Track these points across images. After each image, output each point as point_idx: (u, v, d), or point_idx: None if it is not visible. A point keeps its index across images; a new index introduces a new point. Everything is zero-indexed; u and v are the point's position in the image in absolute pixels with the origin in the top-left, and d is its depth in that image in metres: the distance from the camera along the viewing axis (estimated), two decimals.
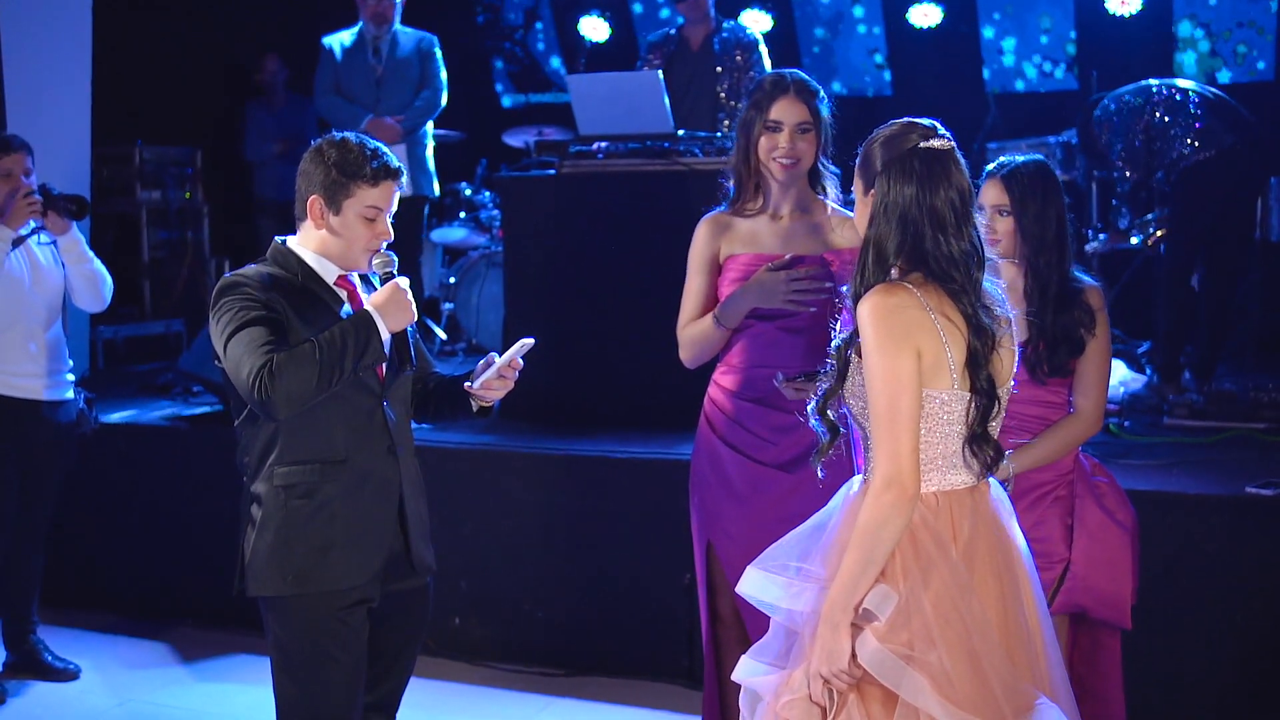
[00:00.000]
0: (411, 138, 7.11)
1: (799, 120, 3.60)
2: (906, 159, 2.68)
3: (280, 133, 8.98)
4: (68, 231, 4.98)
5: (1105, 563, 3.49)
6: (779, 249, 3.62)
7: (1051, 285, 3.49)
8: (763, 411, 3.64)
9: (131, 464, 6.06)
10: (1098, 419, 3.53)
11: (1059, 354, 3.48)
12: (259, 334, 3.13)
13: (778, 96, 3.61)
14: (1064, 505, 3.53)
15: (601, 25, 9.57)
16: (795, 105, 3.60)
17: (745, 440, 3.66)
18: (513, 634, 5.32)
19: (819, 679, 2.61)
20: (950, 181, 2.68)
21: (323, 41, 7.30)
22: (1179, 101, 6.13)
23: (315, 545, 3.25)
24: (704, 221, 3.75)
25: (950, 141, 2.73)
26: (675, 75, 6.54)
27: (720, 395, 3.73)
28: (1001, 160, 3.62)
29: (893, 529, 2.59)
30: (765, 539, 3.42)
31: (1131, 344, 7.09)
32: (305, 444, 3.25)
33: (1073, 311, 3.48)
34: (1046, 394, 3.50)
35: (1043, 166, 3.58)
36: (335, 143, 3.31)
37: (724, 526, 3.69)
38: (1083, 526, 3.50)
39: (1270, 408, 5.52)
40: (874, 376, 2.61)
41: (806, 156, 3.62)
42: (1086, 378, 3.51)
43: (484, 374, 3.37)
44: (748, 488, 3.64)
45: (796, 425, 3.57)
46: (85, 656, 5.38)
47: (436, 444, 5.29)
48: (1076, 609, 3.51)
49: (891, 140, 2.71)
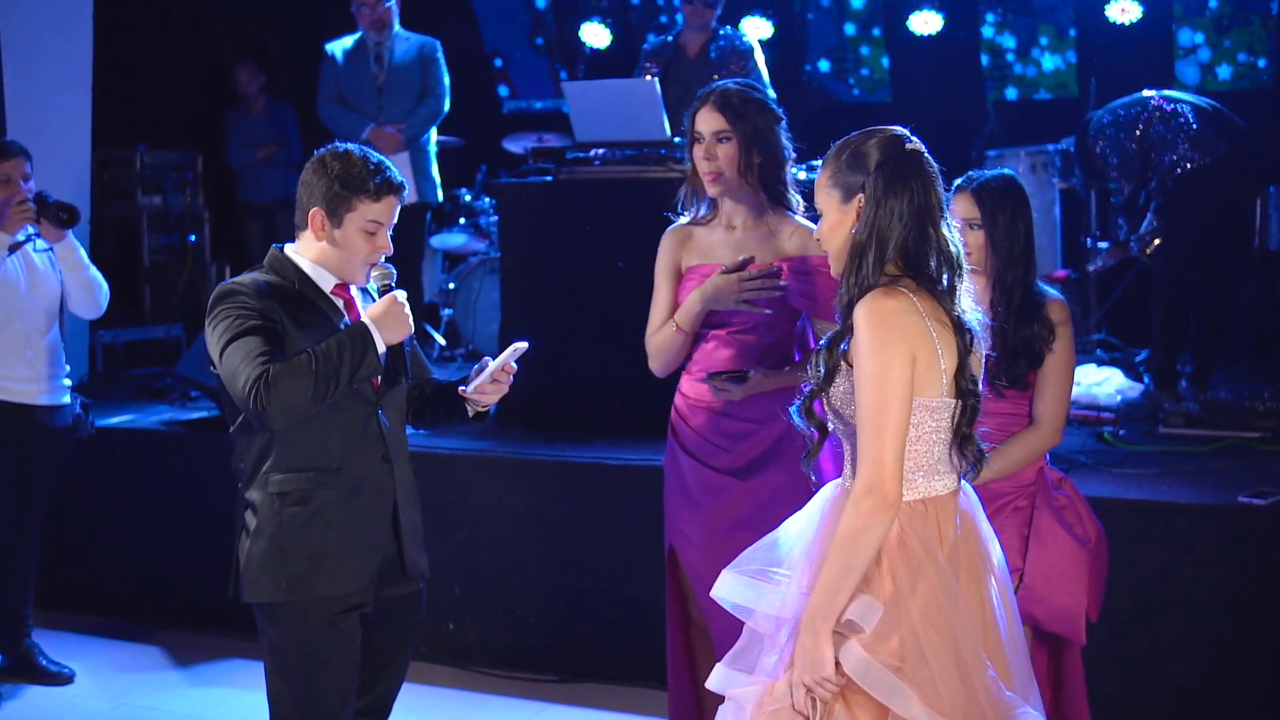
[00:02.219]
0: (415, 145, 7.11)
1: (715, 129, 3.64)
2: (900, 160, 2.70)
3: (261, 138, 8.94)
4: (62, 239, 5.00)
5: (1059, 576, 3.49)
6: (732, 259, 3.65)
7: (1015, 297, 3.51)
8: (716, 418, 3.69)
9: (129, 468, 6.08)
10: (1057, 431, 3.54)
11: (1018, 366, 3.49)
12: (255, 343, 3.14)
13: (699, 108, 3.68)
14: (1022, 517, 3.53)
15: (603, 31, 9.58)
16: (711, 115, 3.65)
17: (700, 446, 3.72)
18: (506, 639, 5.32)
19: (801, 688, 2.61)
20: (936, 181, 2.73)
21: (325, 48, 7.29)
22: (1173, 111, 6.15)
23: (309, 552, 3.26)
24: (667, 233, 3.82)
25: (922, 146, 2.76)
26: (672, 82, 6.54)
27: (681, 402, 3.80)
28: (970, 174, 3.64)
29: (873, 536, 2.59)
30: (721, 544, 3.49)
31: (1128, 352, 7.10)
32: (300, 451, 3.27)
33: (1034, 324, 3.50)
34: (1005, 406, 3.50)
35: (1011, 181, 3.61)
36: (339, 155, 3.30)
37: (683, 530, 3.75)
38: (1038, 538, 3.51)
39: (1265, 416, 5.51)
40: (865, 380, 2.61)
41: (728, 166, 3.63)
42: (1046, 390, 3.52)
43: (477, 378, 3.39)
44: (702, 493, 3.70)
45: (750, 432, 3.64)
46: (80, 660, 5.38)
47: (431, 450, 5.30)
48: (1030, 620, 3.50)
49: (883, 143, 2.72)
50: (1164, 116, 6.14)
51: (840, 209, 2.76)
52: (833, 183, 2.77)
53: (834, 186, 2.76)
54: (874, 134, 2.76)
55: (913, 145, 2.74)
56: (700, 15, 6.68)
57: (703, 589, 3.66)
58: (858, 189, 2.72)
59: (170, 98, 9.70)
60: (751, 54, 6.65)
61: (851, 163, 2.74)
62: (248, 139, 8.95)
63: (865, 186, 2.70)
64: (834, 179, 2.76)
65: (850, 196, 2.74)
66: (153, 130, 9.32)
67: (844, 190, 2.75)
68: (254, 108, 9.03)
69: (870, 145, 2.73)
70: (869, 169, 2.71)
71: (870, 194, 2.70)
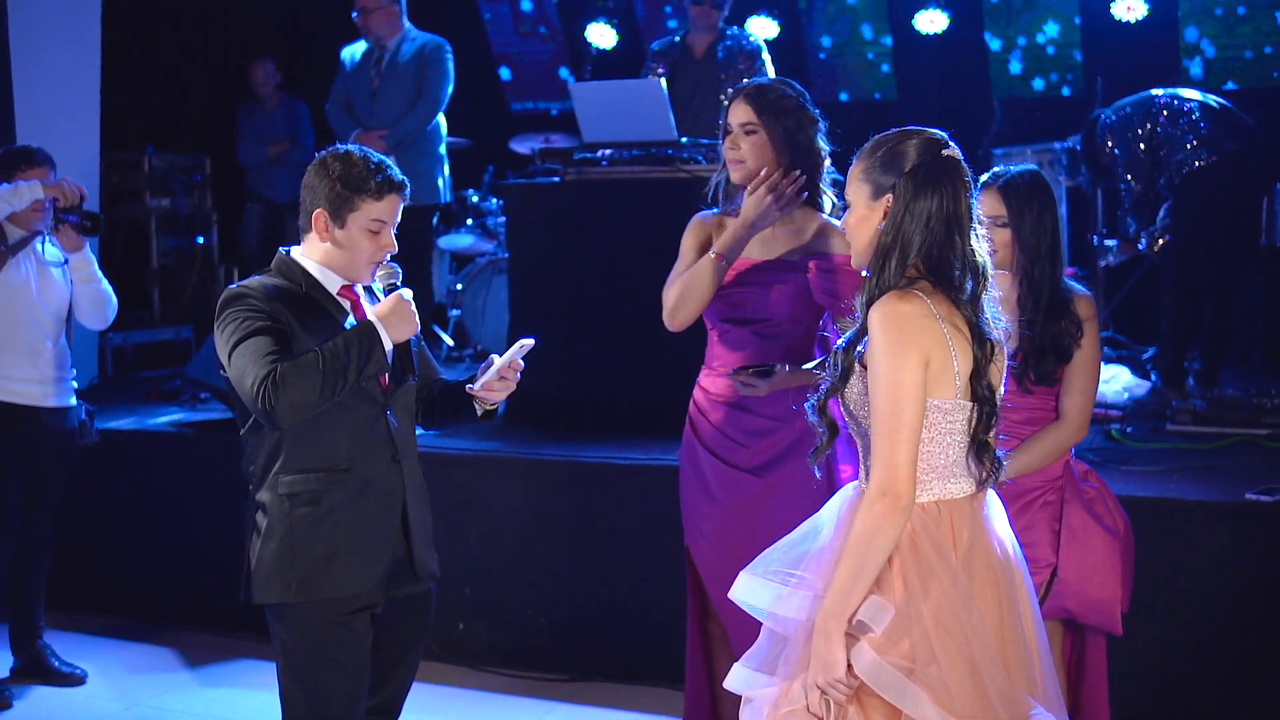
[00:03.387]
0: (415, 150, 7.08)
1: (743, 122, 3.67)
2: (934, 165, 2.68)
3: (274, 135, 8.93)
4: (81, 247, 5.04)
5: (1093, 568, 3.50)
6: (759, 253, 3.68)
7: (1044, 294, 3.50)
8: (736, 414, 3.70)
9: (139, 469, 6.10)
10: (1084, 425, 3.54)
11: (1046, 362, 3.49)
12: (263, 344, 3.16)
13: (732, 100, 3.72)
14: (1052, 511, 3.53)
15: (609, 32, 9.59)
16: (741, 107, 3.69)
17: (719, 442, 3.72)
18: (516, 639, 5.33)
19: (815, 689, 2.61)
20: (968, 190, 2.72)
21: (340, 53, 7.33)
22: (1181, 109, 6.15)
23: (319, 553, 3.28)
24: (697, 217, 3.84)
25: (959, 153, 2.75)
26: (679, 83, 6.56)
27: (700, 396, 3.80)
28: (996, 171, 3.62)
29: (885, 538, 2.59)
30: (737, 541, 3.50)
31: (1136, 349, 7.10)
32: (309, 452, 3.28)
33: (1062, 321, 3.50)
34: (1033, 401, 3.52)
35: (1037, 176, 3.58)
36: (339, 156, 3.33)
37: (699, 525, 3.76)
38: (1070, 532, 3.51)
39: (1273, 414, 5.51)
40: (879, 383, 2.61)
41: (751, 158, 3.66)
42: (1073, 385, 3.52)
43: (484, 375, 3.41)
44: (720, 489, 3.71)
45: (770, 429, 3.64)
46: (92, 661, 5.40)
47: (441, 450, 5.32)
48: (1065, 614, 3.53)
49: (920, 146, 2.70)
50: (1172, 115, 6.14)
51: (869, 205, 2.74)
52: (864, 178, 2.75)
53: (865, 181, 2.75)
54: (912, 135, 2.74)
55: (950, 151, 2.72)
56: (708, 15, 6.69)
57: (715, 583, 3.70)
58: (888, 188, 2.70)
59: (178, 100, 9.72)
60: (759, 54, 6.65)
61: (886, 161, 2.72)
62: (260, 135, 8.94)
63: (896, 188, 2.69)
64: (866, 174, 2.75)
65: (880, 195, 2.72)
66: (161, 132, 9.34)
67: (874, 187, 2.73)
68: (268, 105, 9.01)
69: (908, 146, 2.71)
70: (902, 170, 2.69)
71: (900, 196, 2.68)
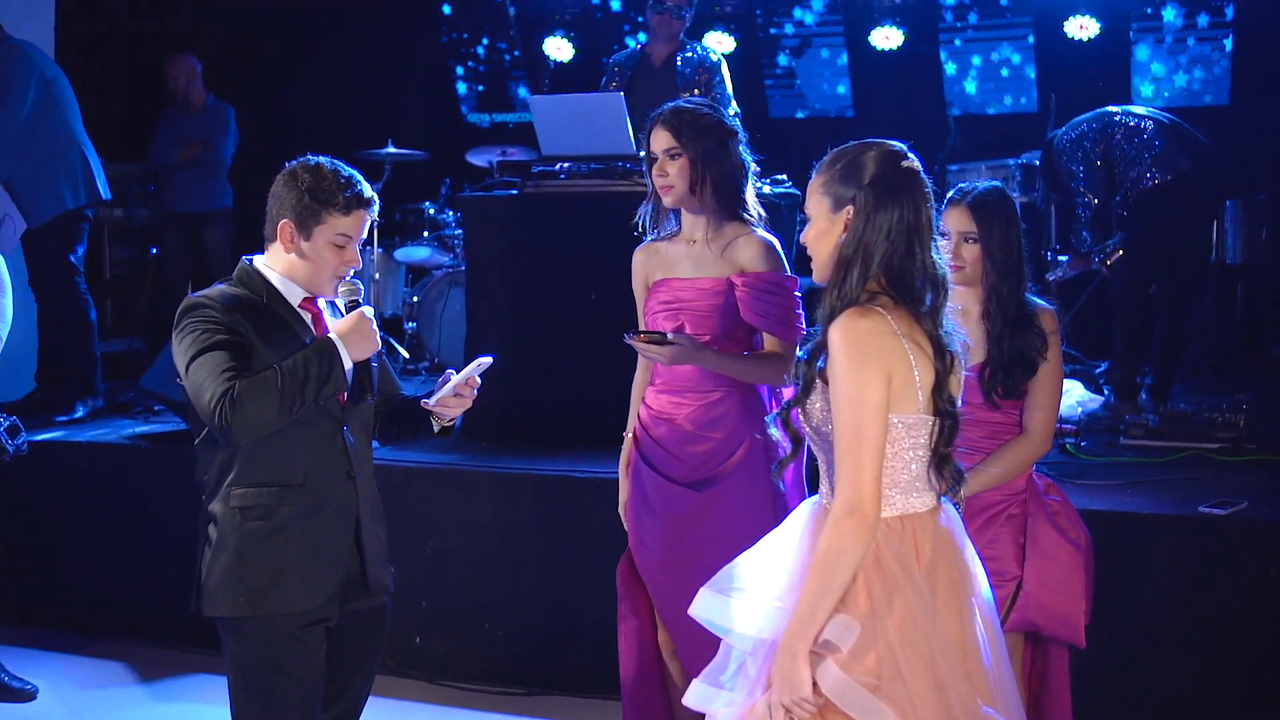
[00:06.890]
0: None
1: (665, 147, 3.73)
2: (894, 177, 2.68)
3: (189, 138, 8.32)
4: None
5: (1058, 581, 3.52)
6: (691, 273, 3.76)
7: (1010, 309, 3.54)
8: (678, 430, 3.76)
9: (93, 482, 6.03)
10: (1048, 438, 3.57)
11: (1014, 376, 3.52)
12: (221, 359, 3.14)
13: (651, 127, 3.78)
14: (1016, 524, 3.56)
15: (565, 45, 9.60)
16: (661, 134, 3.75)
17: (659, 456, 3.79)
18: (474, 653, 5.31)
19: (780, 708, 2.60)
20: (928, 202, 2.71)
21: None
22: (1137, 127, 6.23)
23: (270, 567, 3.26)
24: (636, 252, 3.93)
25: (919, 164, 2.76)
26: (638, 94, 6.57)
27: (644, 413, 3.87)
28: (962, 186, 3.65)
29: (851, 556, 2.59)
30: (676, 554, 3.61)
31: (1089, 364, 7.15)
32: (263, 466, 3.27)
33: (1028, 335, 3.53)
34: (999, 416, 3.54)
35: (1004, 193, 3.63)
36: (310, 168, 3.31)
37: (641, 538, 3.83)
38: (1035, 545, 3.53)
39: (1224, 428, 5.58)
40: (842, 401, 2.60)
41: (678, 181, 3.71)
42: (1037, 398, 3.55)
43: (440, 391, 3.40)
44: (660, 502, 3.77)
45: (706, 445, 3.70)
46: (43, 676, 5.33)
47: (399, 463, 5.29)
48: (1030, 627, 3.55)
49: (879, 158, 2.70)
50: (1128, 133, 6.22)
51: (829, 218, 2.73)
52: (824, 191, 2.73)
53: (825, 195, 2.73)
54: (871, 147, 2.73)
55: (909, 163, 2.72)
56: (669, 25, 6.70)
57: (659, 596, 3.79)
58: (848, 201, 2.69)
59: (131, 110, 9.63)
60: (719, 69, 6.68)
61: (845, 173, 2.71)
62: (175, 137, 8.37)
63: (856, 199, 2.68)
64: (826, 187, 2.73)
65: (840, 207, 2.71)
66: (112, 143, 9.24)
67: (834, 200, 2.72)
68: (192, 105, 8.41)
69: (867, 158, 2.71)
70: (862, 182, 2.68)
71: (860, 208, 2.67)
